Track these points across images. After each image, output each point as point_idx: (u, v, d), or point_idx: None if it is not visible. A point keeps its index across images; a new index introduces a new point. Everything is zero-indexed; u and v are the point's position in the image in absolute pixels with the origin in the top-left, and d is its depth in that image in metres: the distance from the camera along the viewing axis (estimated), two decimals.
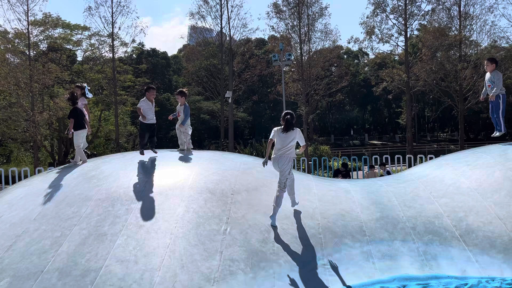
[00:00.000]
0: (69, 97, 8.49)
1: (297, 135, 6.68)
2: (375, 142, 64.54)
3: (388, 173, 15.74)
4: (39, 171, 18.50)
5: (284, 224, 6.38)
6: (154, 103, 8.40)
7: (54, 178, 7.48)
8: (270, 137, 6.77)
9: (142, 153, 8.17)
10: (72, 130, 8.39)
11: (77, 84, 9.10)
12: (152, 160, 7.98)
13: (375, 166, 17.63)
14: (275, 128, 6.78)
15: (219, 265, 5.48)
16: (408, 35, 35.89)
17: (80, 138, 8.43)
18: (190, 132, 8.94)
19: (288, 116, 6.63)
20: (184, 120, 8.80)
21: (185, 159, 8.26)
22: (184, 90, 9.16)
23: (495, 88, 8.53)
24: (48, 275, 5.27)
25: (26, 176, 17.70)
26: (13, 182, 16.93)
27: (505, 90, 8.63)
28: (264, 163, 6.78)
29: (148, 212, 6.19)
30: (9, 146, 40.74)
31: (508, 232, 6.28)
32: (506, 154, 8.03)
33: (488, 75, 8.81)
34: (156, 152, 8.23)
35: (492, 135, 9.16)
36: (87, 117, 8.90)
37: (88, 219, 6.08)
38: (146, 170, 7.46)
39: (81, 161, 8.41)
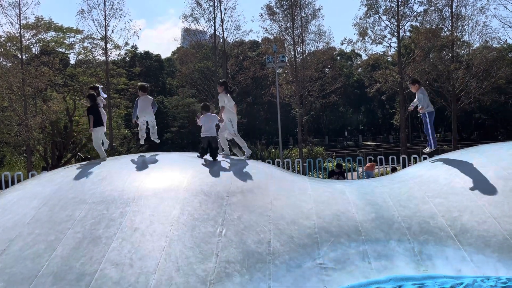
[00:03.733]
0: (88, 95, 8.86)
1: None
2: (369, 143, 64.82)
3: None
4: (33, 175, 18.38)
5: (279, 224, 6.37)
6: None
7: (47, 181, 7.43)
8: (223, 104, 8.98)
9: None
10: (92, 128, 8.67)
11: (90, 85, 9.33)
12: (147, 163, 7.95)
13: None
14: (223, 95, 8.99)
15: (215, 267, 5.46)
16: (401, 36, 36.09)
17: (98, 135, 8.73)
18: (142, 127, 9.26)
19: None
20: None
21: (179, 161, 8.23)
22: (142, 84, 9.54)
23: (421, 106, 8.78)
24: (43, 279, 5.23)
25: (19, 181, 17.58)
26: (6, 186, 16.82)
27: (432, 108, 8.85)
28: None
29: (143, 215, 6.16)
30: (2, 150, 40.46)
31: (502, 231, 6.32)
32: (499, 153, 8.08)
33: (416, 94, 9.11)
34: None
35: (423, 150, 9.31)
36: (105, 117, 9.30)
37: (83, 223, 6.04)
38: (141, 172, 7.43)
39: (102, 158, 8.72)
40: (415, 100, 9.09)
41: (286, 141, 57.25)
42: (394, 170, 17.56)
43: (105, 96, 9.38)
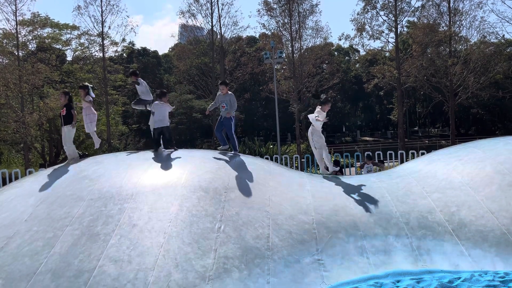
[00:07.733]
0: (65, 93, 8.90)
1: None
2: (367, 138, 64.83)
3: None
4: (30, 173, 18.33)
5: (278, 219, 6.38)
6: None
7: (45, 179, 7.41)
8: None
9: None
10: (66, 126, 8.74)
11: (80, 84, 9.28)
12: (145, 159, 7.93)
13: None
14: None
15: (214, 263, 5.47)
16: (399, 32, 36.05)
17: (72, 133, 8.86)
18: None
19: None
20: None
21: (177, 157, 8.23)
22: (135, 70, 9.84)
23: (231, 109, 9.03)
24: (41, 277, 5.22)
25: (17, 178, 17.54)
26: (4, 183, 16.76)
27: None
28: None
29: (141, 212, 6.15)
30: None
31: (500, 226, 6.34)
32: (497, 148, 8.10)
33: (220, 96, 9.21)
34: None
35: (218, 148, 9.41)
36: (95, 116, 9.38)
37: (81, 220, 6.03)
38: (139, 169, 7.41)
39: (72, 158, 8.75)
40: (211, 105, 9.50)
41: (284, 137, 57.22)
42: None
43: (93, 95, 9.42)
